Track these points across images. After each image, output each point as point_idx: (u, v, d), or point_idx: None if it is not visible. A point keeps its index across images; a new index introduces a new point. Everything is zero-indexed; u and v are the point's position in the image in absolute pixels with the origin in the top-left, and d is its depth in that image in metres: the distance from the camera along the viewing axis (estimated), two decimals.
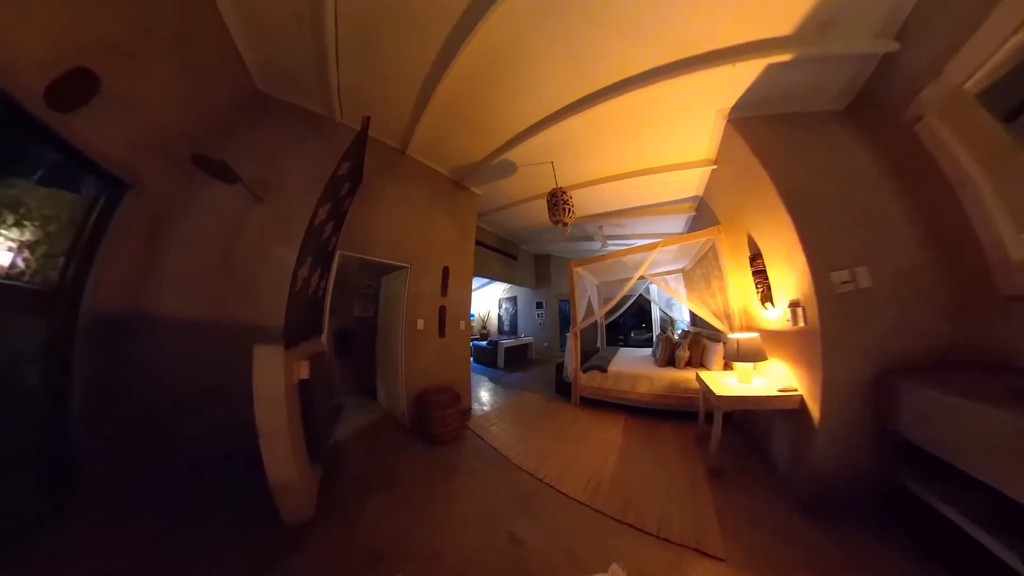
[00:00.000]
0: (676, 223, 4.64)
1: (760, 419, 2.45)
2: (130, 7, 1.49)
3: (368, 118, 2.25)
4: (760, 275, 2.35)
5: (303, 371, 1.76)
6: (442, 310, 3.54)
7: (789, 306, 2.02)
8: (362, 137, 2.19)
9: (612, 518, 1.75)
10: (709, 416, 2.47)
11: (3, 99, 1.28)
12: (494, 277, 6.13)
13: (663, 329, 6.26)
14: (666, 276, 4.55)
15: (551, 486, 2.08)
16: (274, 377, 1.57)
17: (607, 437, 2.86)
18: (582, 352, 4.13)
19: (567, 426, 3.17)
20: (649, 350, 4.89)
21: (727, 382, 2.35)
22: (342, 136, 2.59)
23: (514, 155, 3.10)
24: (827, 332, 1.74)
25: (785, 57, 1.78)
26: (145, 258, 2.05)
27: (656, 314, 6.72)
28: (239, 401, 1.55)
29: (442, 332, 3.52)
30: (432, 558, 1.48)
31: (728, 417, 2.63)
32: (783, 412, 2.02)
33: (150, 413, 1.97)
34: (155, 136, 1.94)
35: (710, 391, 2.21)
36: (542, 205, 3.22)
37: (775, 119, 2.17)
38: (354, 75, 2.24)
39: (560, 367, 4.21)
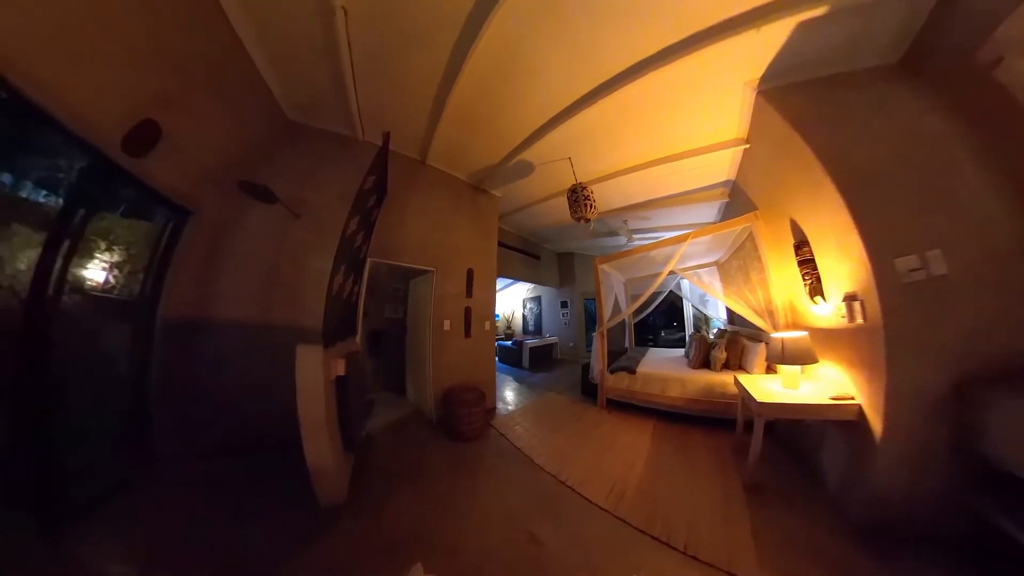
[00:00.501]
0: (707, 212, 4.25)
1: (808, 430, 2.14)
2: (177, 65, 1.77)
3: (388, 133, 2.39)
4: (807, 265, 2.06)
5: (340, 368, 1.93)
6: (467, 311, 3.62)
7: (844, 300, 1.74)
8: (383, 152, 2.34)
9: (636, 528, 1.66)
10: (749, 425, 2.22)
11: (93, 152, 1.60)
12: (517, 277, 6.15)
13: (697, 328, 5.79)
14: (699, 270, 4.18)
15: (574, 489, 2.03)
16: (314, 373, 1.74)
17: (634, 442, 2.71)
18: (609, 352, 3.96)
19: (592, 429, 3.06)
20: (681, 351, 4.56)
21: (770, 387, 2.09)
22: (366, 153, 2.76)
23: (530, 154, 3.08)
24: (892, 330, 1.46)
25: (819, 11, 1.54)
26: (206, 271, 2.40)
27: (689, 312, 6.23)
28: (284, 394, 1.72)
29: (468, 332, 3.60)
30: (451, 550, 1.52)
31: (770, 427, 2.33)
32: (837, 423, 1.74)
33: (211, 402, 2.30)
34: (208, 169, 2.27)
35: (750, 397, 1.98)
36: (563, 202, 3.15)
37: (813, 84, 1.88)
38: (371, 95, 2.39)
39: (586, 368, 4.08)
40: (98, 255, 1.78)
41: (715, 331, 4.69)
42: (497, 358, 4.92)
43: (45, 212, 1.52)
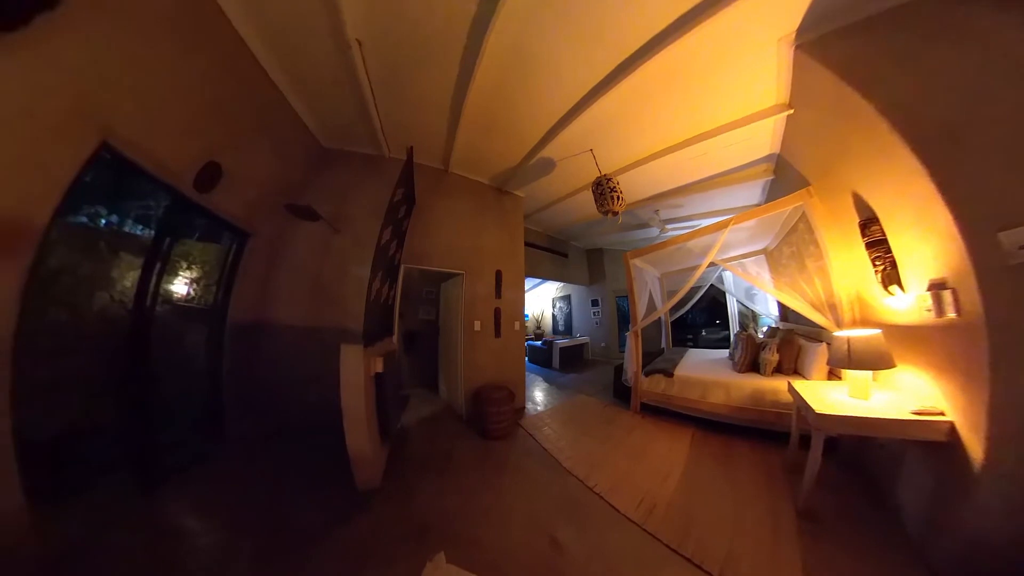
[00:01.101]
0: (750, 193, 3.72)
1: (882, 451, 1.74)
2: (230, 115, 2.13)
3: (411, 148, 2.53)
4: (878, 247, 1.68)
5: (378, 366, 2.13)
6: (497, 312, 3.67)
7: (928, 289, 1.39)
8: (409, 165, 2.51)
9: (666, 545, 1.53)
10: (805, 440, 1.88)
11: (172, 192, 1.99)
12: (546, 277, 6.08)
13: (743, 326, 5.07)
14: (743, 260, 3.67)
15: (600, 496, 1.94)
16: (356, 370, 1.94)
17: (670, 451, 2.49)
18: (644, 353, 3.68)
19: (624, 434, 2.88)
20: (725, 352, 4.04)
21: (833, 396, 1.76)
22: (393, 168, 2.89)
23: (551, 151, 3.03)
24: (997, 326, 1.12)
25: None
26: (264, 283, 2.84)
27: (733, 308, 5.48)
28: (329, 387, 1.93)
29: (498, 333, 3.64)
30: (473, 543, 1.56)
31: (832, 444, 1.98)
32: (920, 444, 1.39)
33: (270, 393, 2.69)
34: (261, 197, 2.65)
35: (807, 407, 1.69)
36: (588, 197, 3.04)
37: (865, 26, 1.52)
38: (392, 115, 2.59)
39: (619, 369, 3.84)
40: (181, 273, 2.23)
41: (765, 329, 4.09)
42: (527, 358, 4.91)
43: (141, 242, 1.95)
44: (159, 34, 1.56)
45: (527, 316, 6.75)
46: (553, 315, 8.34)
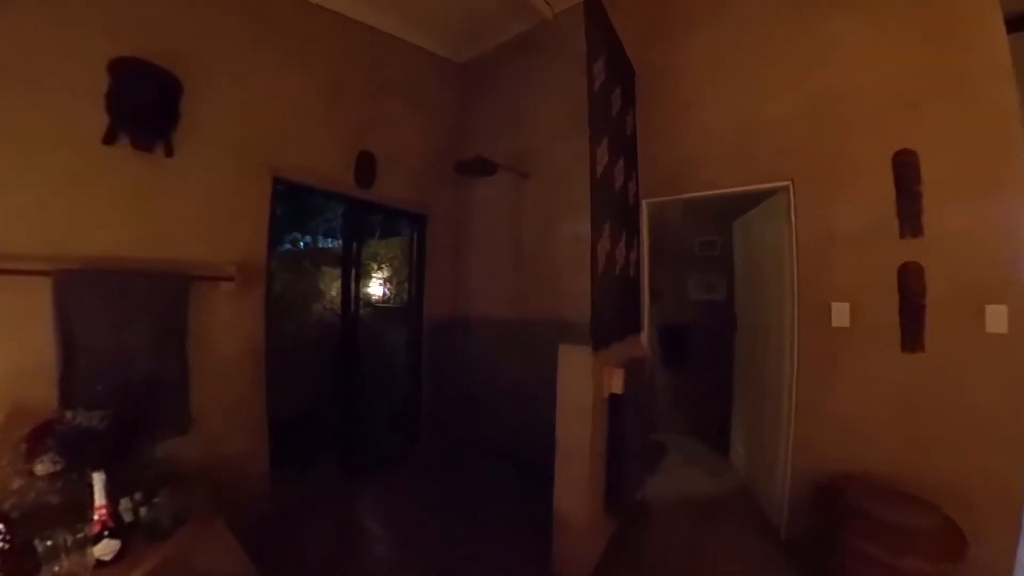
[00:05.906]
0: None
1: None
2: (361, 98, 2.00)
3: None
4: None
5: (616, 383, 1.44)
6: (907, 273, 1.32)
7: None
8: (596, 6, 1.46)
9: None
10: None
11: (342, 197, 1.95)
12: None
13: None
14: None
15: None
16: (581, 384, 1.35)
17: None
18: None
19: None
20: None
21: None
22: (571, 33, 1.69)
23: None
24: None
25: None
26: (455, 269, 2.52)
27: None
28: (538, 402, 1.52)
29: (913, 339, 1.31)
30: None
31: None
32: None
33: (464, 400, 2.39)
34: (423, 168, 2.28)
35: None
36: None
37: None
38: None
39: None
40: (373, 275, 2.29)
41: None
42: None
43: (334, 253, 2.07)
44: (282, 63, 1.67)
45: None
46: None
